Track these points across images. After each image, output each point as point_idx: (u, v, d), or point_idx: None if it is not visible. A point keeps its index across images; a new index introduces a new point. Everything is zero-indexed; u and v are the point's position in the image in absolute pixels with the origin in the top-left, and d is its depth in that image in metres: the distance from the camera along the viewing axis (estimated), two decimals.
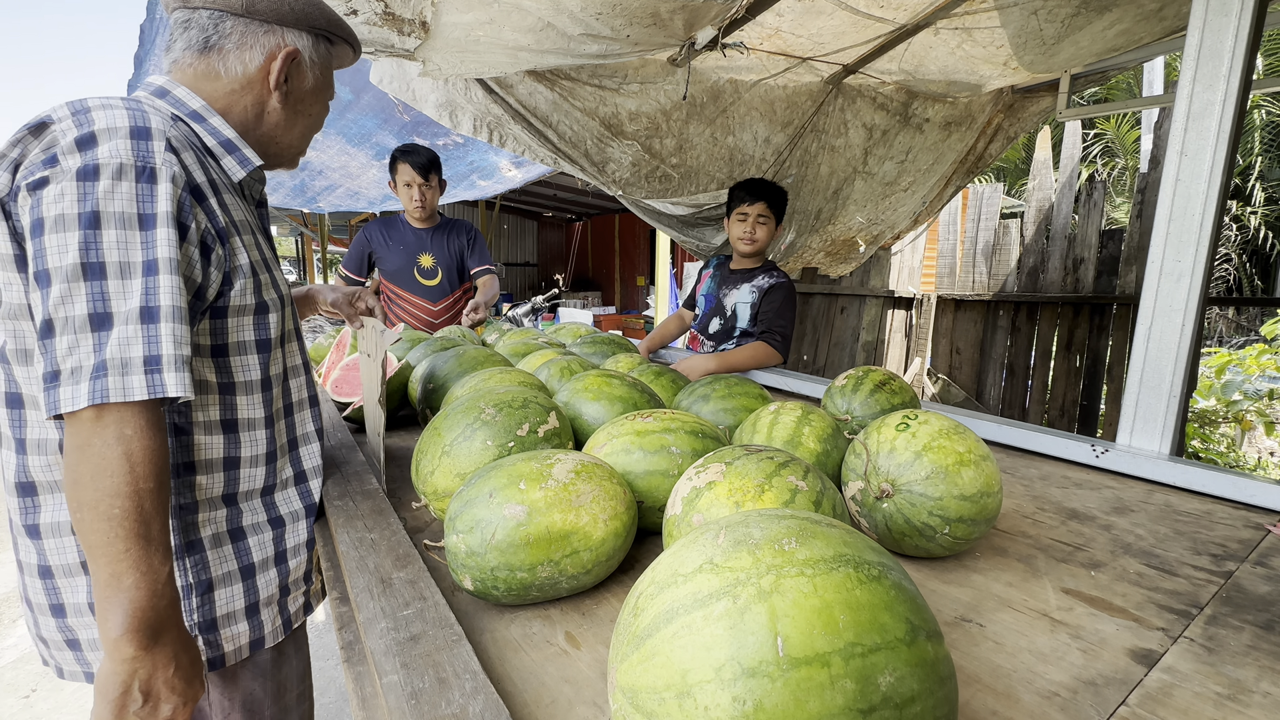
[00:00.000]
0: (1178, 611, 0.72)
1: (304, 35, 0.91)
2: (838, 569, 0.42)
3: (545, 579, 0.70)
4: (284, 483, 0.96)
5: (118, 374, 0.67)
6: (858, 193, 3.37)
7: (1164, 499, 1.08)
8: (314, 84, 0.95)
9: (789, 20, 2.22)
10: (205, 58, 0.87)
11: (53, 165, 0.70)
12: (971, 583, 0.80)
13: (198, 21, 0.86)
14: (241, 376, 0.87)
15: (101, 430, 0.67)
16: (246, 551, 0.91)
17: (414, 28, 1.65)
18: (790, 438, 0.97)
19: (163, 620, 0.71)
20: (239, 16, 0.86)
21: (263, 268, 0.90)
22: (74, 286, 0.68)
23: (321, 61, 0.96)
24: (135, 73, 4.47)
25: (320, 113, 1.01)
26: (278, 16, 0.87)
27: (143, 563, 0.69)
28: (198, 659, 0.78)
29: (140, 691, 0.71)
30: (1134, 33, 2.31)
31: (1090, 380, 3.90)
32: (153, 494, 0.70)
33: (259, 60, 0.88)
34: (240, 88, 0.89)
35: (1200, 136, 1.15)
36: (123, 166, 0.71)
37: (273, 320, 0.91)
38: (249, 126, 0.92)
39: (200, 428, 0.85)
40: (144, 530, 0.69)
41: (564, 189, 9.09)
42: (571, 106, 2.34)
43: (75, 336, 0.68)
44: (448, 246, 2.74)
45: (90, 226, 0.69)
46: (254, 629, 0.92)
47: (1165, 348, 1.21)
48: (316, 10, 0.91)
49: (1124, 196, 10.99)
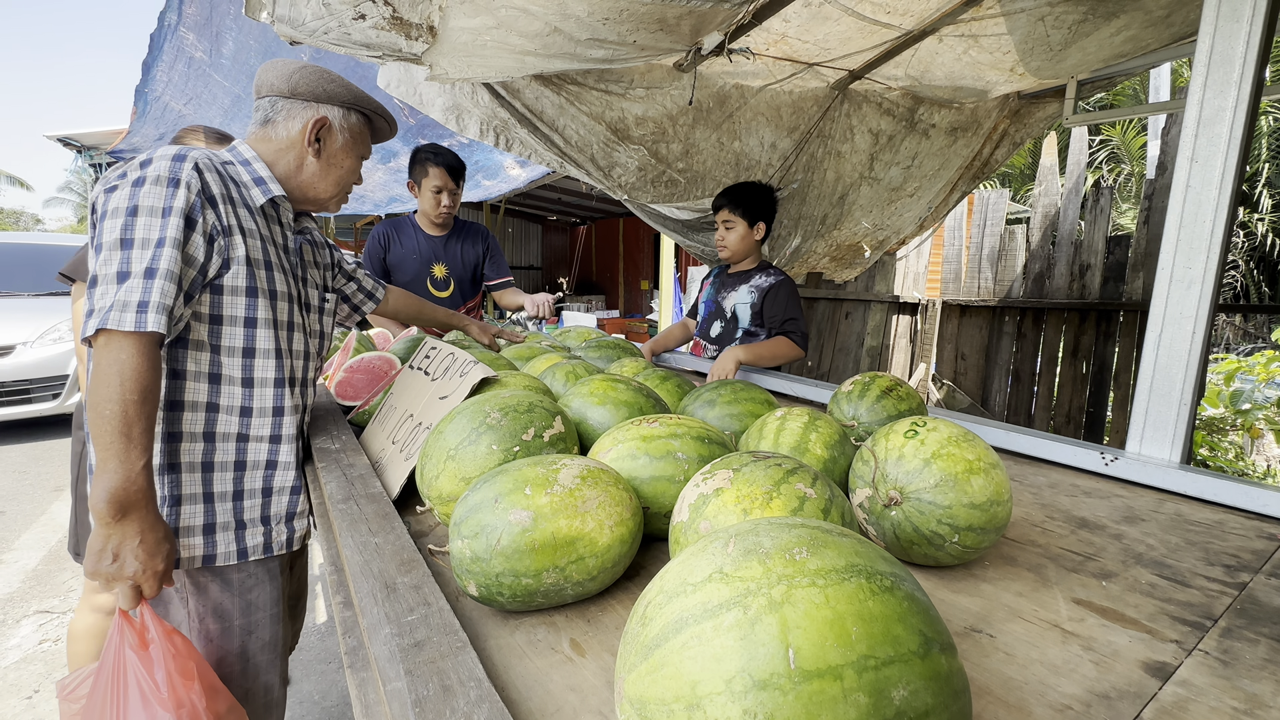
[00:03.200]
0: (1191, 623, 0.71)
1: (335, 108, 1.23)
2: (850, 579, 0.41)
3: (550, 585, 0.70)
4: (258, 438, 1.18)
5: (119, 311, 0.93)
6: (863, 198, 3.36)
7: (1175, 508, 1.07)
8: (343, 144, 1.26)
9: (795, 26, 2.22)
10: (264, 129, 1.22)
11: (123, 178, 1.01)
12: (981, 592, 0.79)
13: (263, 106, 1.22)
14: (228, 342, 1.12)
15: (104, 351, 0.93)
16: (210, 481, 1.14)
17: (421, 32, 1.65)
18: (797, 444, 0.96)
19: (133, 501, 0.95)
20: (287, 98, 1.21)
21: (261, 266, 1.15)
22: (112, 254, 0.97)
23: (351, 127, 1.26)
24: (143, 78, 4.52)
25: (351, 166, 1.30)
26: (314, 96, 1.21)
27: (122, 454, 0.93)
28: (162, 540, 1.01)
29: (111, 552, 0.96)
30: (1141, 39, 2.30)
31: (1097, 387, 3.87)
32: (136, 404, 0.93)
33: (298, 127, 1.21)
34: (285, 147, 1.22)
35: (1211, 143, 1.14)
36: (159, 177, 1.01)
37: (260, 304, 1.14)
38: (290, 175, 1.23)
39: (191, 375, 1.11)
40: (126, 430, 0.93)
41: (569, 193, 9.11)
42: (578, 111, 2.34)
43: (106, 287, 0.96)
44: (462, 255, 2.63)
45: (131, 215, 0.98)
46: (208, 545, 1.14)
47: (1176, 355, 1.20)
48: (345, 90, 1.24)
49: (1130, 203, 10.95)
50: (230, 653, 1.18)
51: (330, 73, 1.23)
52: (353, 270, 1.60)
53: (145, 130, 5.30)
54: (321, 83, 1.21)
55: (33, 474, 4.27)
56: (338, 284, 1.55)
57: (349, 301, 1.60)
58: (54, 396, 5.10)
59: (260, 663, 1.21)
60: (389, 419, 1.33)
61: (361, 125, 1.29)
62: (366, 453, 1.25)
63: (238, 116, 4.41)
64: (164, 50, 3.92)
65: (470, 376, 1.17)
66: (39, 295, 5.70)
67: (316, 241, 1.41)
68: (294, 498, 1.22)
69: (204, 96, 4.39)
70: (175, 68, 4.13)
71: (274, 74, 1.20)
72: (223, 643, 1.17)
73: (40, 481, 4.13)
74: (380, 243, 2.57)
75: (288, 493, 1.22)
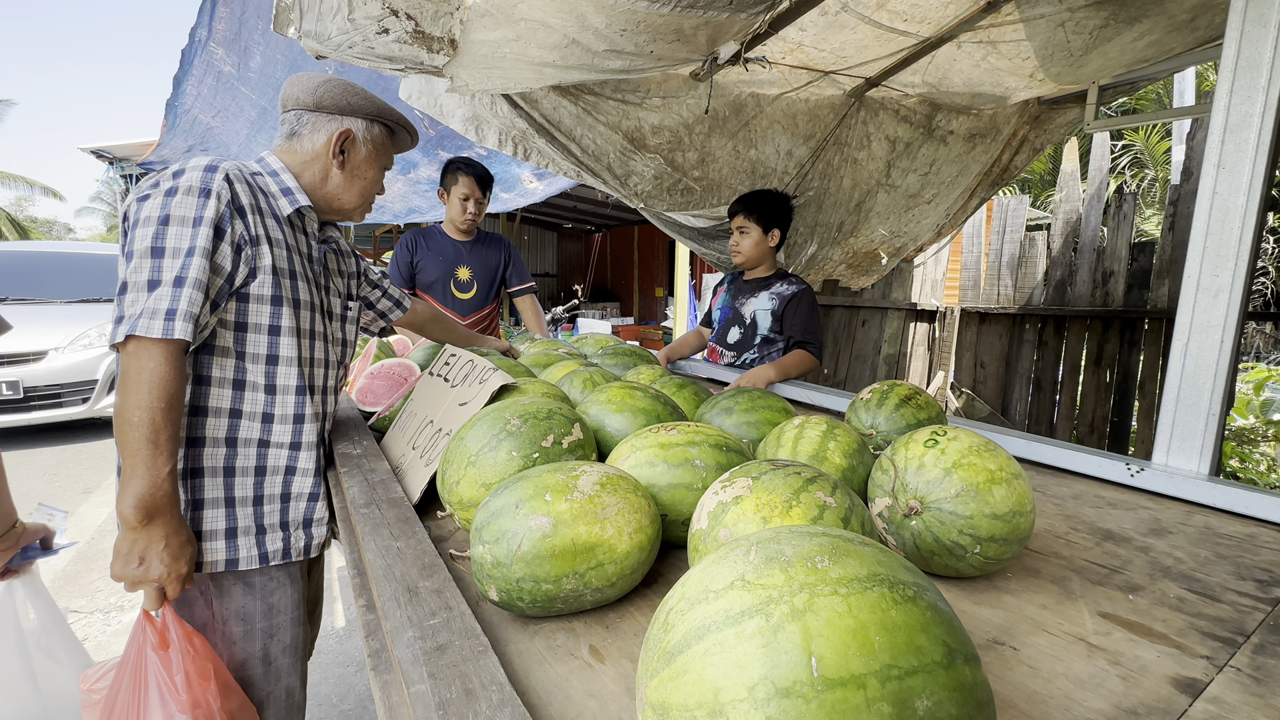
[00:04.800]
0: (1222, 639, 0.70)
1: (359, 121, 1.26)
2: (872, 588, 0.41)
3: (570, 591, 0.70)
4: (279, 444, 1.19)
5: (148, 318, 0.96)
6: (880, 205, 3.34)
7: (1204, 521, 1.04)
8: (366, 155, 1.29)
9: (811, 35, 2.23)
10: (291, 141, 1.26)
11: (156, 188, 1.04)
12: (1004, 604, 0.78)
13: (288, 119, 1.26)
14: (252, 349, 1.14)
15: (133, 358, 0.96)
16: (231, 486, 1.15)
17: (443, 45, 1.69)
18: (816, 452, 0.96)
19: (159, 506, 0.98)
20: (312, 112, 1.24)
21: (287, 275, 1.17)
22: (143, 261, 0.99)
23: (374, 139, 1.29)
24: (174, 92, 4.64)
25: (375, 177, 1.33)
26: (339, 109, 1.24)
27: (149, 460, 0.96)
28: (186, 544, 1.04)
29: (138, 555, 0.99)
30: (1165, 43, 2.27)
31: (1121, 396, 3.79)
32: (163, 412, 0.96)
33: (323, 140, 1.24)
34: (311, 159, 1.25)
35: (1239, 149, 1.13)
36: (191, 187, 1.04)
37: (284, 313, 1.16)
38: (316, 186, 1.26)
39: (215, 381, 1.12)
40: (154, 437, 0.96)
41: (584, 200, 9.17)
42: (595, 120, 2.36)
43: (136, 294, 0.98)
44: (485, 261, 2.79)
45: (162, 224, 1.01)
46: (229, 550, 1.15)
47: (1203, 365, 1.18)
48: (368, 103, 1.27)
49: (1154, 208, 10.74)
50: (253, 655, 1.20)
51: (354, 86, 1.26)
52: (378, 279, 1.64)
53: (174, 142, 5.45)
54: (346, 96, 1.24)
55: (63, 476, 4.38)
56: (363, 292, 1.58)
57: (374, 308, 1.64)
58: (83, 400, 5.24)
59: (282, 665, 1.23)
60: (409, 425, 1.34)
61: (384, 136, 1.31)
62: (387, 458, 1.27)
63: (263, 128, 4.51)
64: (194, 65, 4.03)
65: (490, 383, 1.19)
66: (71, 302, 5.86)
67: (342, 250, 1.44)
68: (313, 504, 1.24)
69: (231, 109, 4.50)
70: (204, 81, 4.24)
71: (299, 88, 1.23)
72: (245, 645, 1.19)
73: (70, 483, 4.23)
74: (408, 247, 2.72)
75: (306, 499, 1.23)
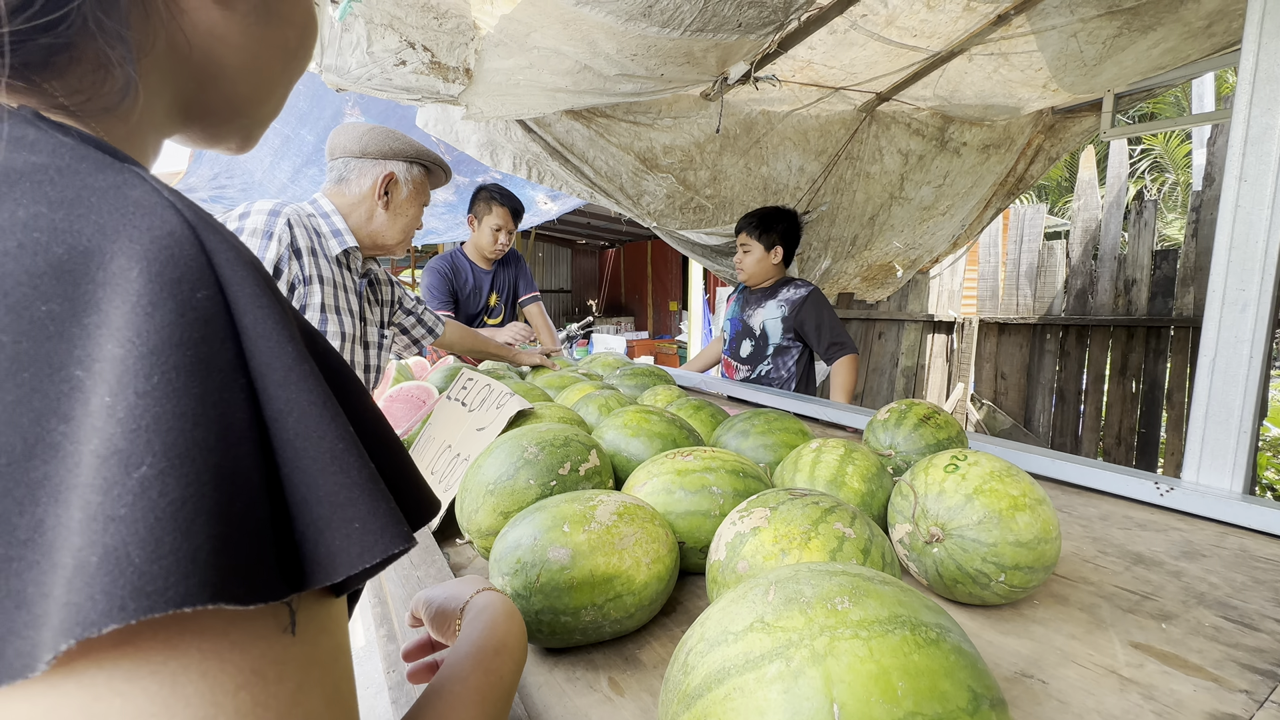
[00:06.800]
0: (1263, 671, 0.67)
1: (400, 164, 1.38)
2: (894, 631, 0.41)
3: (589, 623, 0.70)
4: None
5: None
6: (894, 218, 3.33)
7: (1239, 542, 1.01)
8: (408, 194, 1.41)
9: (821, 52, 2.24)
10: (339, 185, 1.38)
11: None
12: (1031, 634, 0.76)
13: (336, 166, 1.37)
14: None
15: None
16: None
17: (458, 75, 1.73)
18: (834, 477, 0.95)
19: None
20: (359, 158, 1.36)
21: (332, 310, 1.30)
22: None
23: (414, 179, 1.41)
24: None
25: (416, 214, 1.45)
26: (382, 154, 1.36)
27: None
28: None
29: None
30: (1181, 50, 2.25)
31: (1149, 406, 3.71)
32: None
33: (369, 184, 1.36)
34: (358, 201, 1.37)
35: (1260, 161, 1.11)
36: (255, 229, 1.17)
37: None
38: (363, 224, 1.38)
39: None
40: None
41: (597, 217, 9.24)
42: (607, 142, 2.40)
43: None
44: (505, 282, 2.82)
45: None
46: None
47: (1232, 380, 1.15)
48: (409, 147, 1.38)
49: (1176, 213, 10.55)
50: None
51: (395, 132, 1.36)
52: (413, 306, 1.69)
53: (201, 171, 5.61)
54: (388, 142, 1.36)
55: None
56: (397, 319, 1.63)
57: (408, 334, 1.70)
58: None
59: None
60: (427, 449, 1.36)
61: (423, 176, 1.43)
62: None
63: (286, 155, 4.64)
64: None
65: (506, 409, 1.20)
66: None
67: (379, 280, 1.53)
68: None
69: None
70: None
71: (346, 138, 1.36)
72: None
73: None
74: (445, 274, 2.67)
75: None
